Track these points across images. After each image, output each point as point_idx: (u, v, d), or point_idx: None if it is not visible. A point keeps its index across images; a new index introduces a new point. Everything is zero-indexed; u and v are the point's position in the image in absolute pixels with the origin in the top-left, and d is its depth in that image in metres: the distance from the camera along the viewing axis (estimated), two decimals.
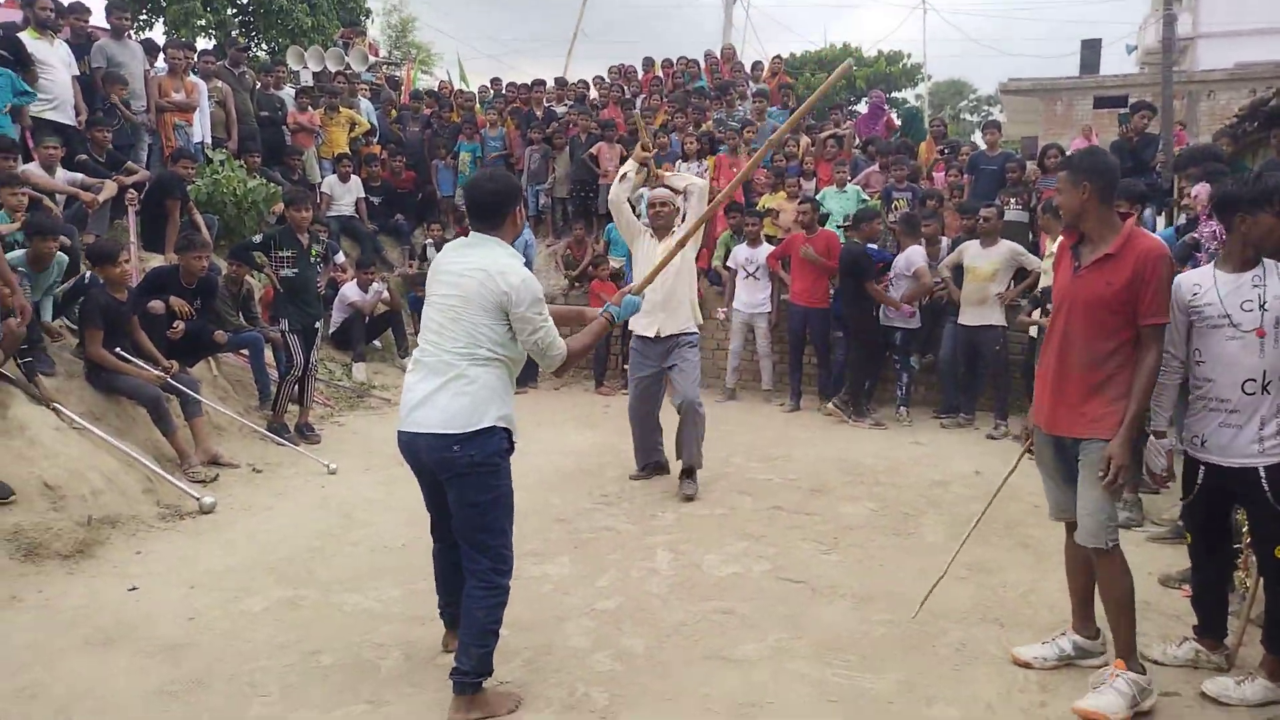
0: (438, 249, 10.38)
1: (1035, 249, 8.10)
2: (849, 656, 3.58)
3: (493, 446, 3.05)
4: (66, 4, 8.40)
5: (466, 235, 3.31)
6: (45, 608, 3.93)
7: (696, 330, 5.84)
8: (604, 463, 6.63)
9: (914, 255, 7.96)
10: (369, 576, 4.36)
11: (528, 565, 4.49)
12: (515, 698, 3.20)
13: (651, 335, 5.74)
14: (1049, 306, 6.76)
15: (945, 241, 8.27)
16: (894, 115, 12.78)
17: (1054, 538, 4.95)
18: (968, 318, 7.68)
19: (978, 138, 28.96)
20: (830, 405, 8.15)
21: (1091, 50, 20.89)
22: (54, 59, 7.59)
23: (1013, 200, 8.52)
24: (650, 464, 6.16)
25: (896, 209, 8.91)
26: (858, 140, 10.74)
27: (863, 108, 13.18)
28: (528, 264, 3.35)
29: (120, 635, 3.67)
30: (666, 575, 4.42)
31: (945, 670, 3.48)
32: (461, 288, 3.08)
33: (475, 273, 3.07)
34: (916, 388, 8.44)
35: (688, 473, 5.80)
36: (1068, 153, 9.04)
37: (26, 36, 7.45)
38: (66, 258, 5.86)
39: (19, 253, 5.60)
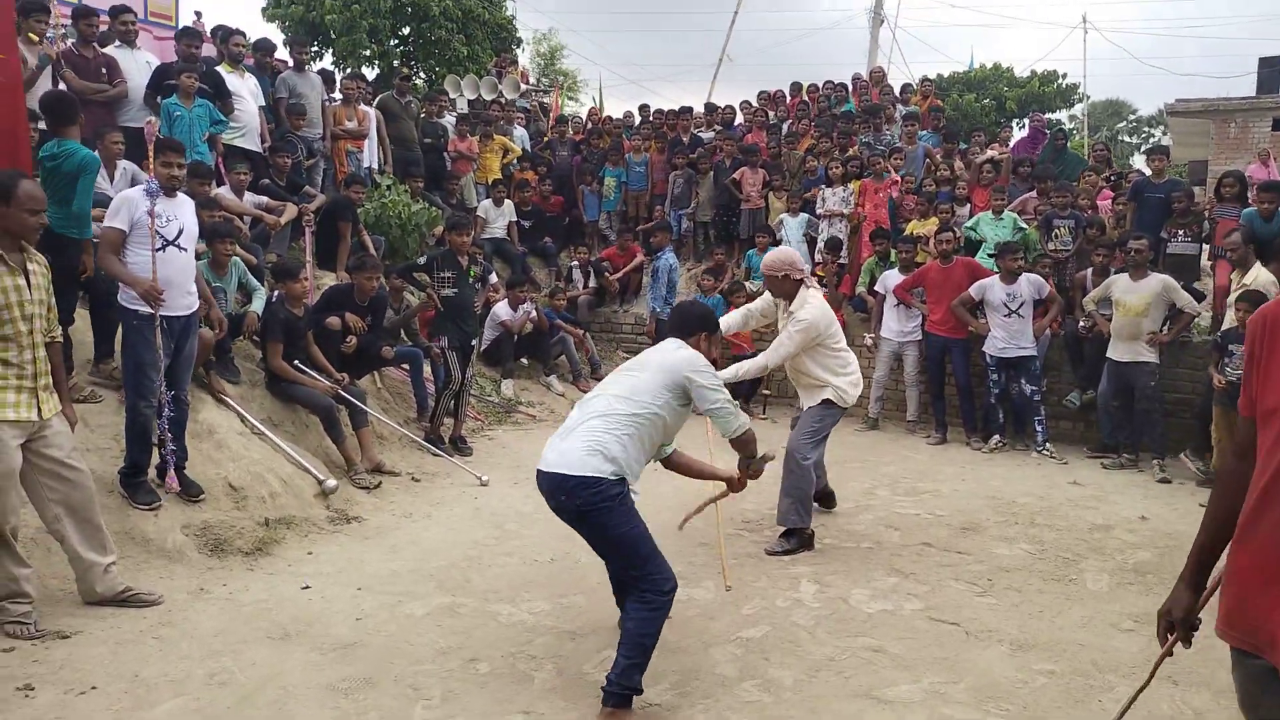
0: (582, 271, 10.71)
1: (1194, 285, 7.72)
2: (1008, 706, 3.45)
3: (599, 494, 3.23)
4: (254, 40, 9.13)
5: (612, 258, 3.61)
6: (229, 600, 4.24)
7: (833, 402, 5.33)
8: (748, 488, 6.60)
9: (1039, 280, 7.89)
10: (522, 588, 4.50)
11: None
12: None
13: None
14: (1232, 349, 6.41)
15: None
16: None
17: None
18: (1119, 353, 7.35)
19: (1137, 160, 27.43)
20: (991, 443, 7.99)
21: (1271, 69, 19.42)
22: (244, 91, 8.24)
23: (1180, 231, 8.04)
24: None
25: (1057, 236, 8.54)
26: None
27: (1019, 132, 12.64)
28: (670, 286, 3.68)
29: (296, 631, 3.93)
30: (813, 607, 4.37)
31: None
32: (644, 361, 3.64)
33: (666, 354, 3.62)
34: (1075, 424, 8.06)
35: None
36: (1247, 180, 8.48)
37: (222, 70, 8.13)
38: (241, 263, 6.31)
39: (201, 262, 6.08)
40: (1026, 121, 13.72)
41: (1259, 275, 6.74)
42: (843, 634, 4.06)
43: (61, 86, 6.90)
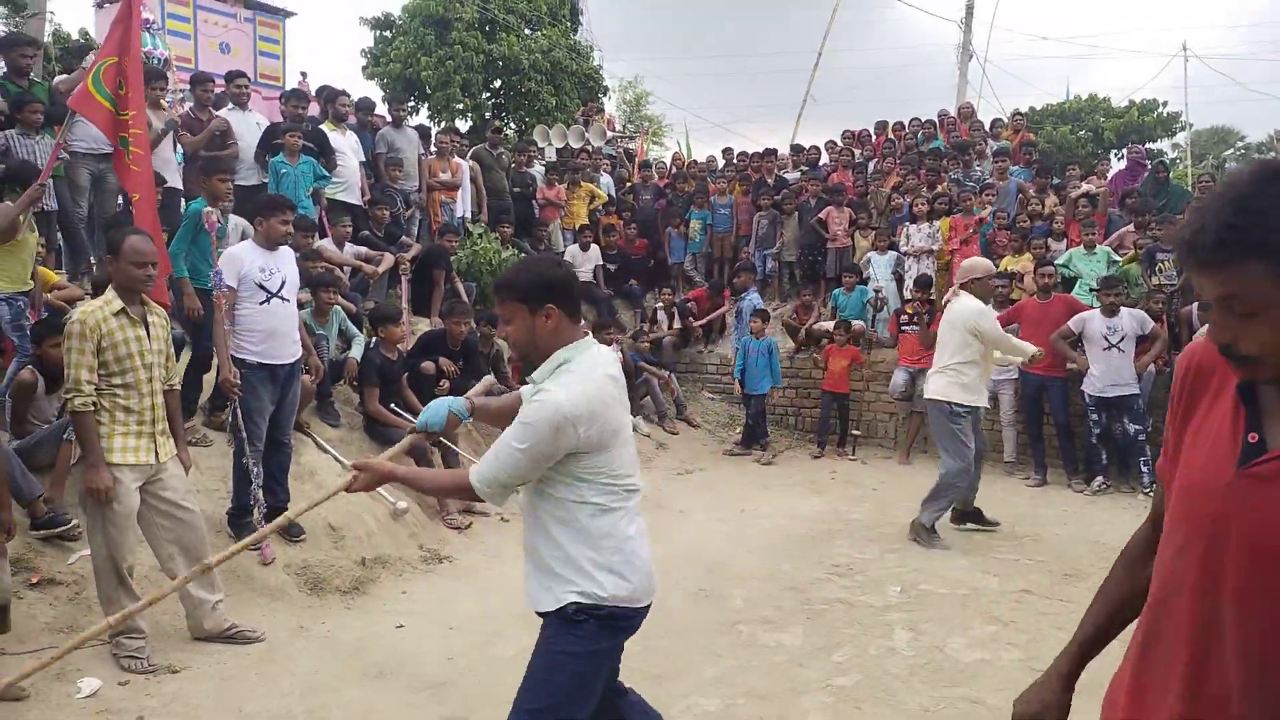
0: (667, 313, 10.76)
1: None
2: None
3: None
4: (355, 100, 9.61)
5: (699, 300, 3.28)
6: (327, 638, 4.37)
7: (945, 401, 6.11)
8: (834, 530, 6.51)
9: (1142, 314, 7.67)
10: None
11: (761, 633, 4.49)
12: None
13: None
14: None
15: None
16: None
17: None
18: None
19: None
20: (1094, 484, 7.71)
21: None
22: (346, 148, 8.66)
23: None
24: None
25: (1161, 271, 8.23)
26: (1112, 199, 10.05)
27: (1118, 164, 12.25)
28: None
29: (391, 669, 4.02)
30: (907, 655, 4.25)
31: None
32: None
33: None
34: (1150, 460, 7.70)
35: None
36: None
37: (326, 128, 8.57)
38: (341, 311, 6.59)
39: (305, 311, 6.37)
40: (1125, 153, 13.30)
41: None
42: (938, 684, 3.94)
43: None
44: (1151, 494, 7.36)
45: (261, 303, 4.94)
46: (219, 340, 4.91)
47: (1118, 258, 8.59)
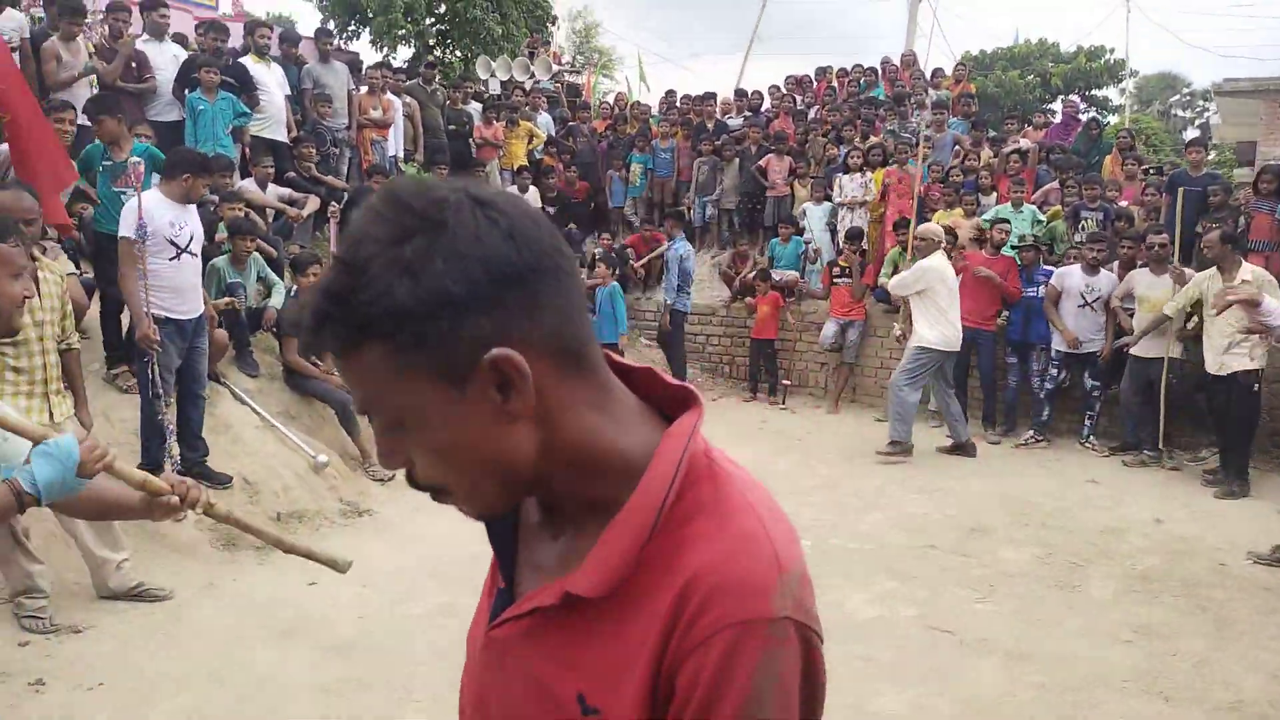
0: (605, 259, 10.70)
1: None
2: None
3: None
4: (280, 31, 9.23)
5: (635, 246, 3.01)
6: (237, 596, 4.38)
7: (924, 348, 7.14)
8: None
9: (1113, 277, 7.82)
10: None
11: None
12: None
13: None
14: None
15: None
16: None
17: (1238, 600, 4.60)
18: (1142, 348, 7.24)
19: (1191, 134, 26.69)
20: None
21: None
22: (270, 82, 8.35)
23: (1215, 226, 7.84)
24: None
25: (1084, 229, 8.38)
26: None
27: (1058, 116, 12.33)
28: (684, 275, 3.16)
29: (299, 628, 4.05)
30: None
31: None
32: None
33: None
34: (1099, 421, 7.97)
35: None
36: None
37: (248, 61, 8.24)
38: (260, 258, 6.45)
39: (221, 258, 6.21)
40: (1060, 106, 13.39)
41: (1256, 273, 6.43)
42: (834, 641, 4.05)
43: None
44: (1090, 446, 7.68)
45: (171, 258, 4.85)
46: (132, 293, 4.79)
47: (1042, 216, 8.72)
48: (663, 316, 9.82)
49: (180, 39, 8.55)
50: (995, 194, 9.28)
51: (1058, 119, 11.80)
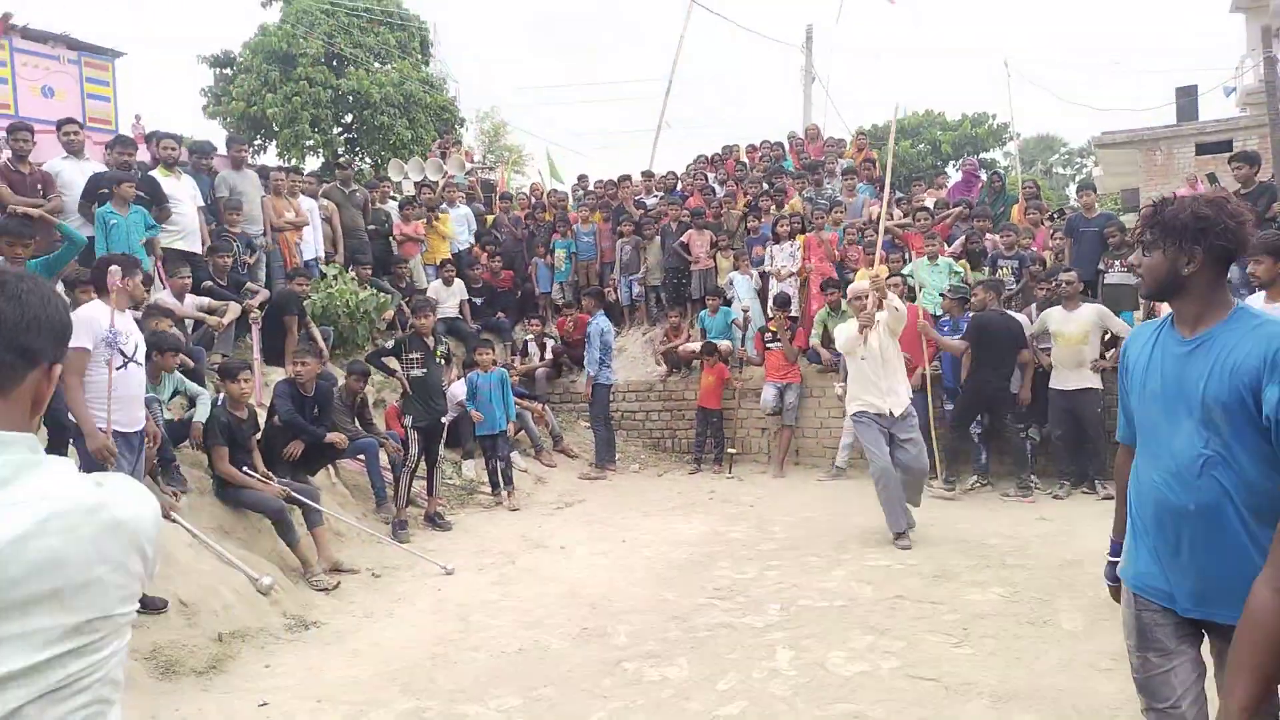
0: (538, 344, 10.65)
1: (1149, 313, 7.86)
2: None
3: None
4: (190, 143, 9.11)
5: (561, 328, 3.23)
6: None
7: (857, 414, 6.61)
8: (714, 552, 6.53)
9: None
10: (490, 684, 4.34)
11: (646, 668, 4.42)
12: None
13: (886, 413, 6.47)
14: None
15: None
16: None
17: None
18: (1064, 381, 7.57)
19: (1071, 191, 28.30)
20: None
21: (1188, 97, 20.22)
22: (182, 194, 8.17)
23: (1116, 263, 8.27)
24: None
25: (1000, 274, 8.73)
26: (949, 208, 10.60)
27: (955, 175, 12.95)
28: (605, 349, 3.25)
29: None
30: (789, 676, 4.26)
31: None
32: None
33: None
34: (1036, 460, 8.13)
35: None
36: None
37: (158, 174, 8.07)
38: (181, 374, 6.21)
39: None
40: (955, 165, 14.11)
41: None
42: (821, 701, 3.96)
43: None
44: (1024, 495, 7.78)
45: (119, 368, 4.66)
46: (80, 405, 4.54)
47: (959, 268, 9.04)
48: (586, 390, 9.67)
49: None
50: (908, 251, 9.61)
51: (954, 179, 12.38)
